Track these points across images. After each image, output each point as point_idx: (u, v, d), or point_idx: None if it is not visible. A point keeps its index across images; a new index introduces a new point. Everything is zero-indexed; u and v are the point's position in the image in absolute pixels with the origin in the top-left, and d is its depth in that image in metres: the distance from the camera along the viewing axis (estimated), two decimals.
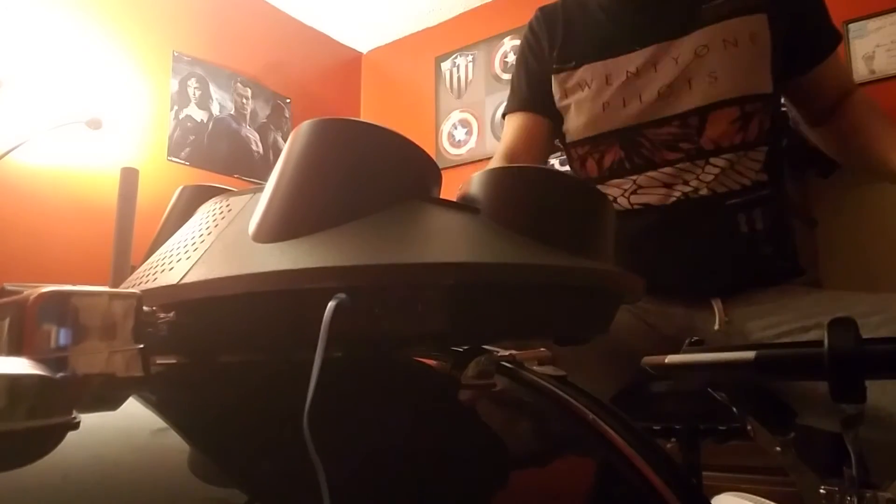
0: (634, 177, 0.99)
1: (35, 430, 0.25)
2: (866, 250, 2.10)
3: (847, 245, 2.11)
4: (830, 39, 1.02)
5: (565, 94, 1.07)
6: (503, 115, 1.19)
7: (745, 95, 0.95)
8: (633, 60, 1.00)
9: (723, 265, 0.94)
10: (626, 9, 1.04)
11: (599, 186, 1.02)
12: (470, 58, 3.43)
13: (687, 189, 0.95)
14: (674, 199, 0.96)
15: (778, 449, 0.55)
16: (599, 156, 1.03)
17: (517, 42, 3.20)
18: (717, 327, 0.91)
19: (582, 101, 1.04)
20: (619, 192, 1.00)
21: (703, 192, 0.94)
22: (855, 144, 1.00)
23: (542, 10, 1.16)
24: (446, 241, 0.40)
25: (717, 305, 0.92)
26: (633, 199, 0.99)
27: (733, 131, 0.95)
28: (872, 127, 0.98)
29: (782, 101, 1.06)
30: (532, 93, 1.13)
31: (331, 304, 0.33)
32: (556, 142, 1.16)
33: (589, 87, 1.03)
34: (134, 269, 0.49)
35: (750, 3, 0.96)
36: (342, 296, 0.34)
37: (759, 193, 0.95)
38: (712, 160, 0.95)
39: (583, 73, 1.04)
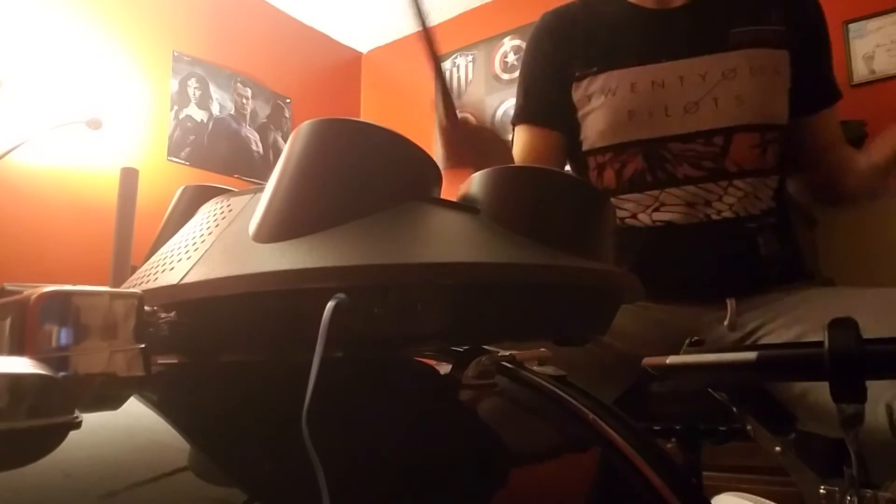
0: (656, 192, 0.97)
1: (36, 430, 0.25)
2: (866, 249, 2.10)
3: (847, 244, 2.11)
4: (830, 95, 1.05)
5: (587, 100, 1.02)
6: (512, 124, 1.14)
7: (765, 123, 0.97)
8: (660, 72, 0.98)
9: (739, 273, 0.95)
10: (656, 19, 1.02)
11: (617, 199, 1.00)
12: (470, 58, 3.43)
13: (710, 210, 0.95)
14: (697, 220, 0.96)
15: (778, 449, 0.55)
16: (620, 165, 1.00)
17: (517, 42, 3.21)
18: (726, 324, 0.91)
19: (605, 107, 1.00)
20: (640, 208, 0.98)
21: (726, 214, 0.95)
22: (840, 171, 1.03)
23: (556, 13, 1.11)
24: (446, 241, 0.40)
25: (731, 305, 0.92)
26: (655, 216, 0.97)
27: (755, 156, 0.96)
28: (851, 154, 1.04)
29: None
30: (540, 103, 1.09)
31: (330, 304, 0.33)
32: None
33: (613, 94, 1.00)
34: (135, 269, 0.49)
35: (775, 37, 0.98)
36: (342, 296, 0.34)
37: (771, 220, 0.97)
38: (735, 182, 0.96)
39: (606, 78, 1.01)
